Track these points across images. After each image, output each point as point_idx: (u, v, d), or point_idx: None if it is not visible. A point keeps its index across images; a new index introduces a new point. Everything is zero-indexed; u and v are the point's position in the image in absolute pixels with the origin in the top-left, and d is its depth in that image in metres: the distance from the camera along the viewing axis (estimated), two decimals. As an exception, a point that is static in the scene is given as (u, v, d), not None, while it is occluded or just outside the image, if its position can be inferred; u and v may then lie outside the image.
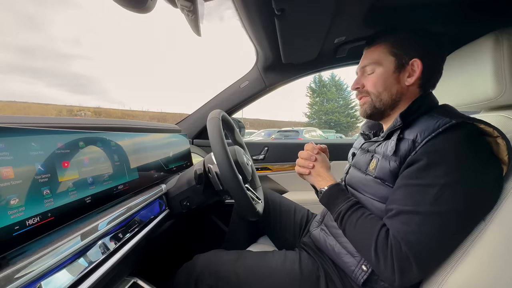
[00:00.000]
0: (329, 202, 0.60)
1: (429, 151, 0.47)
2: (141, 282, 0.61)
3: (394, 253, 0.45)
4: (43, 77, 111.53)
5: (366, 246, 0.49)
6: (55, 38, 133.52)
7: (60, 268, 0.36)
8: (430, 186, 0.45)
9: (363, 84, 0.64)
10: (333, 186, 0.61)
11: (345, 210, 0.56)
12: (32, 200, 0.34)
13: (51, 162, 0.38)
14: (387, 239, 0.47)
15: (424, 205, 0.45)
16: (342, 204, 0.57)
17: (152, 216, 0.64)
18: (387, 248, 0.46)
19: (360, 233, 0.52)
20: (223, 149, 0.62)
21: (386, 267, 0.46)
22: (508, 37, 0.53)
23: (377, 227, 0.49)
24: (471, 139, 0.47)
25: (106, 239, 0.47)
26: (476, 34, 0.59)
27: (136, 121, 0.87)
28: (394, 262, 0.45)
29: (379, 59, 0.61)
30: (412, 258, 0.44)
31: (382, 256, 0.46)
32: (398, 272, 0.45)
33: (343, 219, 0.55)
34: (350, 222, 0.54)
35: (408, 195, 0.48)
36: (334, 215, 0.58)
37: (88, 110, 33.80)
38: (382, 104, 0.62)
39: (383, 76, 0.60)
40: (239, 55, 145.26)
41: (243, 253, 0.71)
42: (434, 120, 0.50)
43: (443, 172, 0.45)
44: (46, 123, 0.49)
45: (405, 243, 0.45)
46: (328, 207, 0.61)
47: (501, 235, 0.43)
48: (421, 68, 0.58)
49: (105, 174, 0.51)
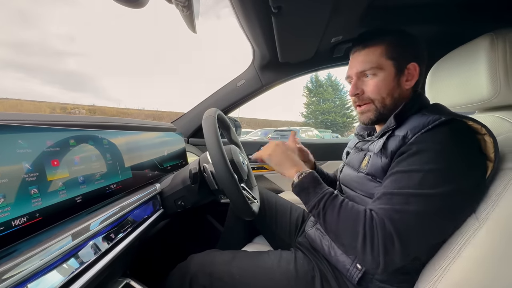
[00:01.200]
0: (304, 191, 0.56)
1: (417, 142, 0.49)
2: (134, 283, 0.60)
3: (379, 231, 0.44)
4: (37, 74, 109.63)
5: (352, 232, 0.47)
6: (50, 34, 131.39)
7: (49, 269, 0.35)
8: (415, 171, 0.46)
9: (363, 90, 0.61)
10: (308, 175, 0.57)
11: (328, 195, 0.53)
12: (18, 200, 0.33)
13: (40, 160, 0.37)
14: (372, 219, 0.46)
15: (407, 188, 0.46)
16: (320, 193, 0.54)
17: (145, 216, 0.63)
18: (373, 228, 0.45)
19: (343, 218, 0.49)
20: (218, 148, 0.61)
21: (372, 249, 0.44)
22: (503, 38, 0.53)
23: (361, 210, 0.49)
24: (459, 133, 0.48)
25: (98, 239, 0.46)
26: (471, 35, 0.59)
27: (130, 119, 0.85)
28: (379, 241, 0.44)
29: (380, 63, 0.58)
30: (395, 236, 0.43)
31: (369, 238, 0.45)
32: (382, 252, 0.43)
33: (324, 206, 0.52)
34: (332, 209, 0.51)
35: (393, 180, 0.49)
36: (311, 204, 0.54)
37: (82, 108, 33.33)
38: (387, 109, 0.60)
39: (386, 80, 0.58)
40: (235, 53, 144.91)
41: (238, 253, 0.70)
42: (424, 117, 0.51)
43: (428, 159, 0.46)
44: (35, 120, 0.48)
45: (389, 220, 0.44)
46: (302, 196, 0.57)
47: (494, 236, 0.44)
48: (418, 71, 0.58)
49: (97, 173, 0.50)
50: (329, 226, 0.51)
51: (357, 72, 0.62)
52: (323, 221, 0.52)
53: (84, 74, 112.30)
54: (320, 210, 0.52)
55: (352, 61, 0.63)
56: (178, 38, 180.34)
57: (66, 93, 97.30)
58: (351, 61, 0.64)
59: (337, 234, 0.50)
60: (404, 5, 0.72)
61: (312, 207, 0.54)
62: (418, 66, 0.58)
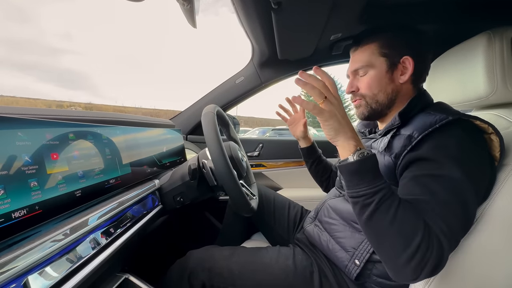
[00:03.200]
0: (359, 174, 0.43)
1: (434, 147, 0.47)
2: (133, 279, 0.60)
3: (434, 250, 0.39)
4: (33, 71, 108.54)
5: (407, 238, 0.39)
6: (46, 31, 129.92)
7: (48, 263, 0.35)
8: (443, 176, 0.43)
9: (357, 87, 0.63)
10: (373, 156, 0.43)
11: (387, 189, 0.42)
12: (18, 192, 0.33)
13: (39, 153, 0.37)
14: (430, 231, 0.39)
15: (443, 195, 0.42)
16: (379, 184, 0.42)
17: (144, 211, 0.63)
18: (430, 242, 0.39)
19: (400, 223, 0.40)
20: (218, 144, 0.61)
21: (420, 263, 0.38)
22: (500, 36, 0.54)
23: (420, 217, 0.40)
24: (471, 134, 0.48)
25: (96, 234, 0.45)
26: (469, 33, 0.60)
27: (129, 115, 0.85)
28: (431, 257, 0.38)
29: (370, 61, 0.60)
30: (447, 252, 0.40)
31: (423, 250, 0.38)
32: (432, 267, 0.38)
33: (380, 201, 0.41)
34: (388, 206, 0.41)
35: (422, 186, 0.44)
36: (361, 192, 0.42)
37: (78, 105, 33.02)
38: (379, 104, 0.61)
39: (377, 77, 0.60)
40: (234, 50, 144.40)
41: (237, 249, 0.70)
42: (431, 116, 0.51)
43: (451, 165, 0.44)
44: (35, 114, 0.48)
45: (444, 236, 0.39)
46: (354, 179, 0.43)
47: (491, 229, 0.45)
48: (413, 64, 0.58)
49: (96, 168, 0.50)
50: (375, 225, 0.42)
51: (352, 71, 0.64)
52: (368, 217, 0.42)
53: (80, 72, 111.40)
54: (372, 203, 0.41)
55: (350, 60, 0.66)
56: (176, 36, 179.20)
57: (63, 91, 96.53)
58: (350, 60, 0.66)
59: (383, 239, 0.41)
60: (402, 3, 0.72)
61: (361, 196, 0.42)
62: (412, 59, 0.58)
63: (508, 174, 0.45)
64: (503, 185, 0.45)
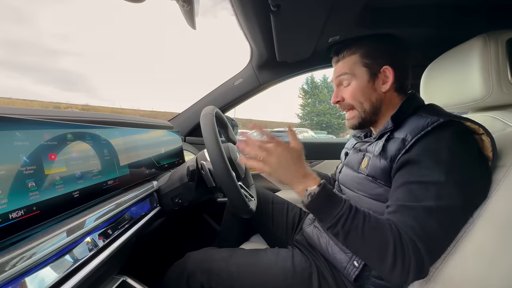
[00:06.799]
0: (316, 212, 0.49)
1: (423, 150, 0.48)
2: (130, 281, 0.59)
3: (411, 254, 0.42)
4: (30, 73, 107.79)
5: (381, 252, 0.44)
6: (43, 32, 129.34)
7: (45, 264, 0.35)
8: (429, 183, 0.45)
9: (343, 97, 0.66)
10: (319, 194, 0.48)
11: (346, 214, 0.46)
12: (16, 192, 0.32)
13: (37, 153, 0.37)
14: (401, 240, 0.43)
15: (427, 201, 0.45)
16: (337, 215, 0.47)
17: (142, 213, 0.63)
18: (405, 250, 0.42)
19: (370, 239, 0.45)
20: (216, 145, 0.61)
21: (403, 269, 0.42)
22: (496, 40, 0.55)
23: (386, 227, 0.45)
24: (461, 136, 0.48)
25: (94, 236, 0.45)
26: (465, 36, 0.61)
27: (128, 116, 0.85)
28: (411, 263, 0.42)
29: (353, 71, 0.63)
30: (426, 255, 0.43)
31: (400, 259, 0.42)
32: (414, 271, 0.42)
33: (344, 227, 0.46)
34: (355, 230, 0.45)
35: (409, 191, 0.47)
36: (326, 226, 0.48)
37: (76, 107, 32.86)
38: (367, 113, 0.64)
39: (360, 87, 0.63)
40: (233, 52, 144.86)
41: (235, 251, 0.70)
42: (423, 119, 0.52)
43: (440, 170, 0.45)
44: (33, 114, 0.47)
45: (419, 239, 0.43)
46: (316, 216, 0.50)
47: (488, 231, 0.45)
48: (393, 74, 0.61)
49: (94, 169, 0.49)
50: (353, 247, 0.47)
51: (336, 82, 0.67)
52: (343, 241, 0.47)
53: (78, 74, 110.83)
54: (339, 232, 0.46)
55: (334, 69, 0.69)
56: (175, 38, 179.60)
57: (60, 92, 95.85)
58: (334, 69, 0.69)
59: (363, 253, 0.47)
60: (399, 7, 0.73)
61: (327, 228, 0.48)
62: (392, 69, 0.61)
63: (504, 175, 0.46)
64: (499, 186, 0.46)
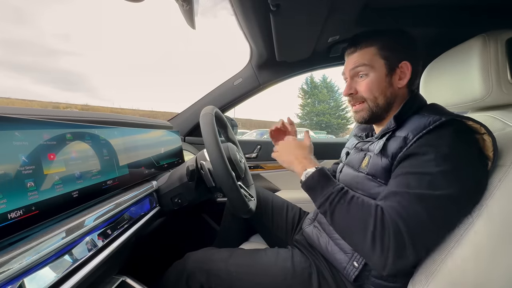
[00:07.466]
0: (310, 190, 0.56)
1: (423, 145, 0.49)
2: (130, 281, 0.59)
3: (391, 231, 0.43)
4: (29, 73, 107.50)
5: (362, 229, 0.46)
6: (43, 32, 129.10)
7: (44, 265, 0.34)
8: (425, 173, 0.46)
9: (356, 90, 0.63)
10: (314, 173, 0.56)
11: (336, 192, 0.51)
12: (15, 192, 0.32)
13: (36, 153, 0.37)
14: (383, 217, 0.45)
15: (418, 189, 0.45)
16: (327, 193, 0.52)
17: (142, 213, 0.63)
18: (385, 226, 0.44)
19: (353, 215, 0.48)
20: (216, 145, 0.61)
21: (382, 248, 0.44)
22: (495, 40, 0.55)
23: (372, 205, 0.48)
24: (461, 134, 0.49)
25: (93, 236, 0.45)
26: (465, 36, 0.61)
27: (127, 115, 0.85)
28: (390, 241, 0.43)
29: (372, 63, 0.60)
30: (408, 238, 0.43)
31: (379, 236, 0.44)
32: (393, 252, 0.43)
33: (331, 205, 0.51)
34: (340, 206, 0.50)
35: (402, 180, 0.48)
36: (318, 203, 0.54)
37: (75, 107, 32.80)
38: (379, 108, 0.62)
39: (378, 80, 0.60)
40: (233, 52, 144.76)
41: (235, 251, 0.70)
42: (425, 118, 0.52)
43: (437, 162, 0.46)
44: (32, 114, 0.47)
45: (401, 219, 0.44)
46: (310, 194, 0.56)
47: (488, 230, 0.45)
48: (410, 70, 0.59)
49: (94, 169, 0.49)
50: (337, 224, 0.51)
51: (350, 73, 0.64)
52: (330, 219, 0.51)
53: (77, 73, 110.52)
54: (327, 209, 0.51)
55: (347, 61, 0.65)
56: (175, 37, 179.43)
57: (59, 92, 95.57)
58: (346, 61, 0.66)
59: (346, 231, 0.50)
60: (399, 7, 0.73)
61: (319, 206, 0.53)
62: (410, 65, 0.59)
63: (504, 174, 0.46)
64: (499, 185, 0.46)
